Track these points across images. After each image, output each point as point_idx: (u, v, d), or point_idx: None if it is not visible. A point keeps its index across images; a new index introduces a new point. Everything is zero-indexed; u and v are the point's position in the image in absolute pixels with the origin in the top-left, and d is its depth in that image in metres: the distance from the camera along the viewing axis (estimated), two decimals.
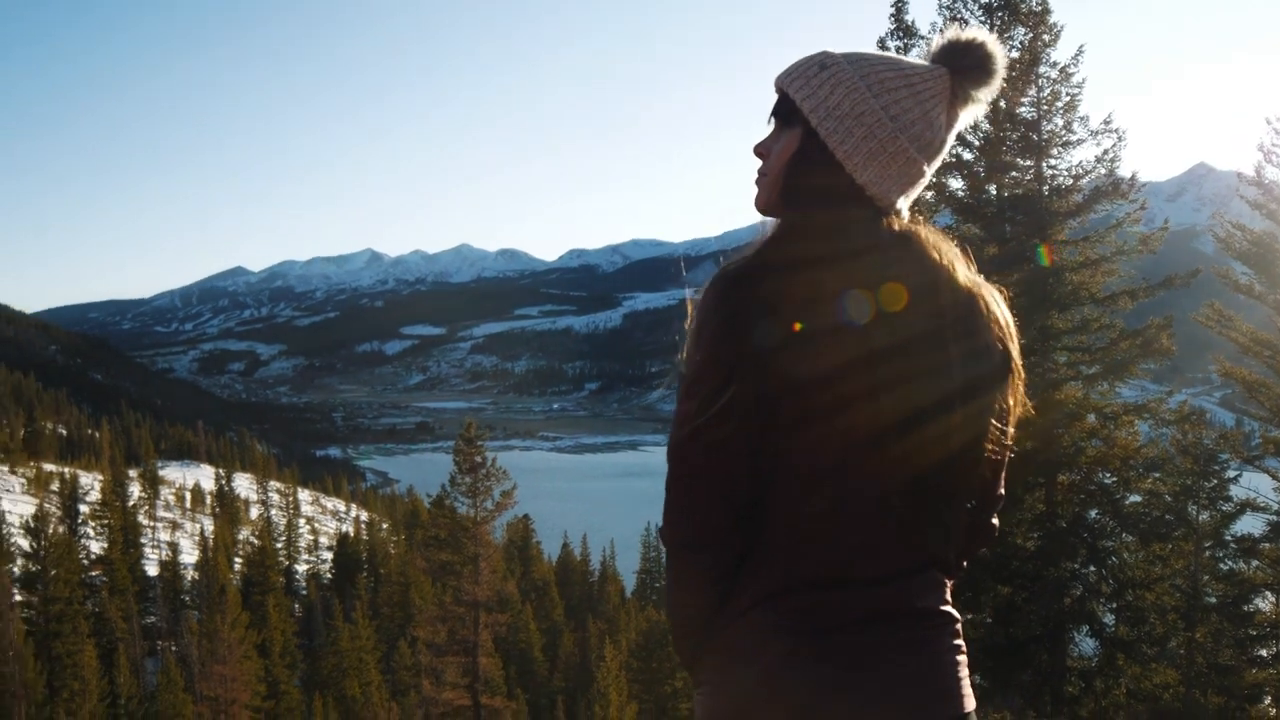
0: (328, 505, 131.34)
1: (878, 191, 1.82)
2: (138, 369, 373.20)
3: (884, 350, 1.70)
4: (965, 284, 1.84)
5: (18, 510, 70.35)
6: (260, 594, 56.30)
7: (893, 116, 1.79)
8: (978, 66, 1.85)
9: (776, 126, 1.91)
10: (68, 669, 37.78)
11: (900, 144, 1.79)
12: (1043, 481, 18.54)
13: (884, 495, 1.76)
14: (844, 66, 1.83)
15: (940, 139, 1.85)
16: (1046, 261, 18.29)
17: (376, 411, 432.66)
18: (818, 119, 1.82)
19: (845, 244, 1.77)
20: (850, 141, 1.80)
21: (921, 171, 1.84)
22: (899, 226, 1.84)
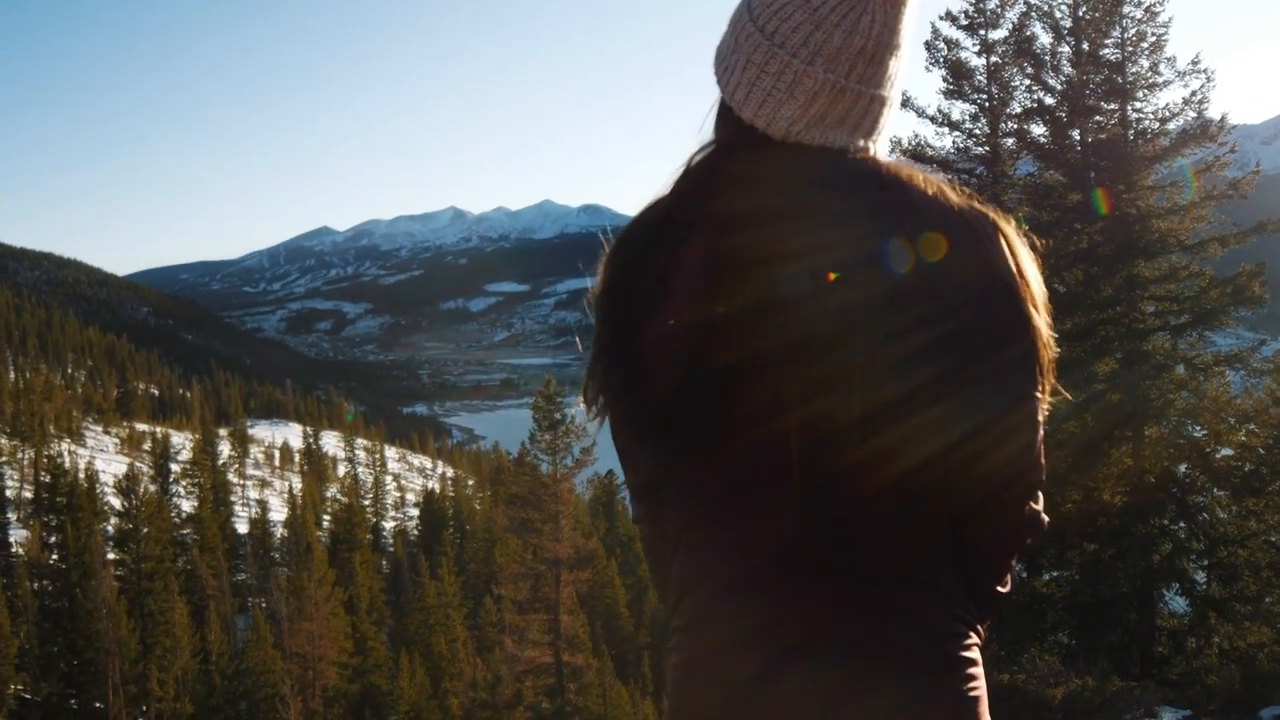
0: (414, 462, 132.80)
1: (767, 123, 1.53)
2: (227, 329, 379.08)
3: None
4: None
5: (111, 470, 71.68)
6: (348, 551, 56.90)
7: (770, 34, 1.51)
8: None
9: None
10: (160, 626, 38.43)
11: (780, 60, 1.50)
12: (1130, 435, 18.08)
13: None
14: (739, 4, 1.59)
15: (857, 44, 1.50)
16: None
17: (462, 368, 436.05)
18: (714, 70, 1.62)
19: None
20: (730, 77, 1.57)
21: (831, 85, 1.50)
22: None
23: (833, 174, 1.51)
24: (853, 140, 1.54)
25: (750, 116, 1.54)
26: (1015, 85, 20.88)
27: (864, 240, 1.43)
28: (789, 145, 1.53)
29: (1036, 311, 1.50)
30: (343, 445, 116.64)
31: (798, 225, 1.47)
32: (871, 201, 1.48)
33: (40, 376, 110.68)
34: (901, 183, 1.51)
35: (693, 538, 1.59)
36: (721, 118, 1.62)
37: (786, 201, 1.50)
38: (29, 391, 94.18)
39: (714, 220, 1.52)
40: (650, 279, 1.54)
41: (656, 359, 1.53)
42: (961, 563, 1.54)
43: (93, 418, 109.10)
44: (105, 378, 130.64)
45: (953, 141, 21.46)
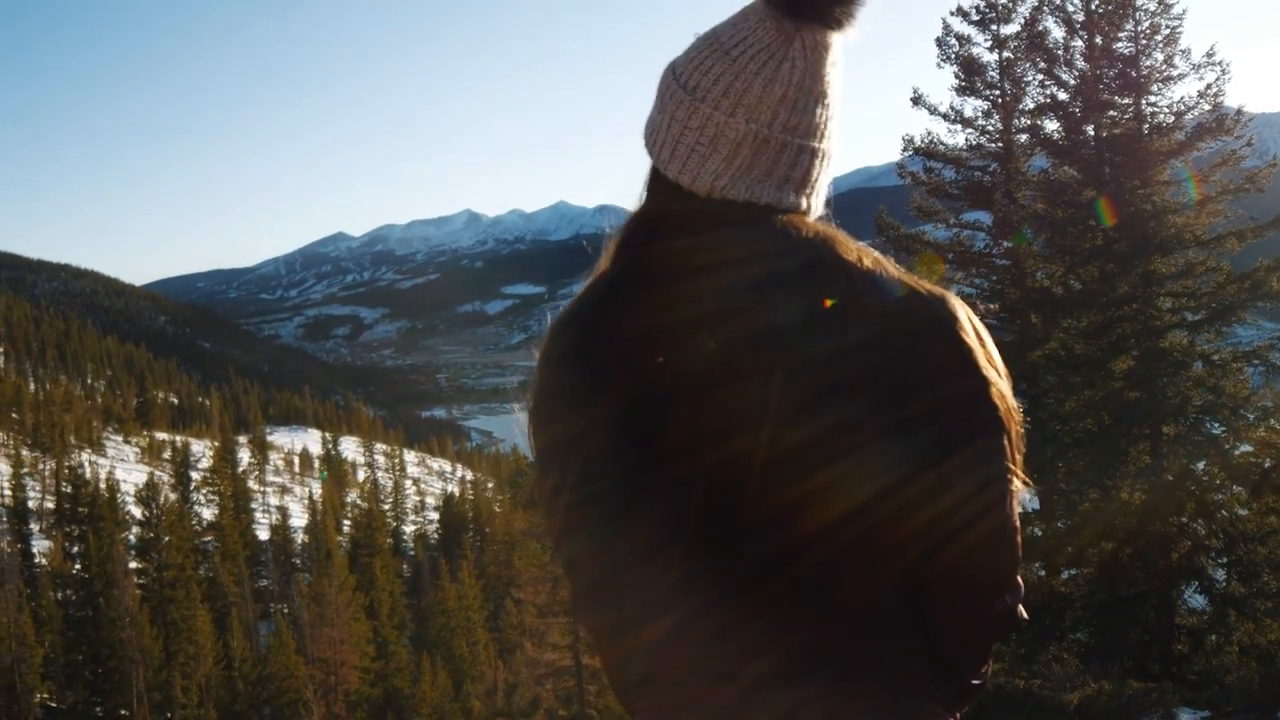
0: (433, 466, 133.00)
1: (691, 179, 1.47)
2: (245, 336, 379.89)
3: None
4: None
5: (132, 479, 71.97)
6: (368, 556, 57.04)
7: (691, 88, 1.46)
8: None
9: None
10: (183, 633, 38.61)
11: (702, 114, 1.45)
12: (1148, 433, 17.99)
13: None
14: (665, 69, 1.56)
15: (778, 92, 1.44)
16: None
17: (480, 371, 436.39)
18: (643, 139, 1.58)
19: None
20: (657, 137, 1.53)
21: (754, 136, 1.44)
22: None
23: (754, 232, 1.45)
24: (782, 194, 1.47)
25: (675, 174, 1.48)
26: (1028, 81, 20.82)
27: (787, 298, 1.38)
28: (714, 201, 1.46)
29: (999, 377, 1.43)
30: (362, 450, 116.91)
31: (713, 281, 1.41)
32: (797, 262, 1.41)
33: (60, 387, 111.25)
34: (830, 246, 1.45)
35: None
36: (652, 182, 1.56)
37: (706, 259, 1.44)
38: (49, 403, 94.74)
39: (642, 283, 1.47)
40: (601, 349, 1.46)
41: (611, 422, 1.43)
42: (931, 646, 1.44)
43: (113, 427, 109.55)
44: (124, 387, 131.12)
45: (965, 139, 21.43)
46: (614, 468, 1.40)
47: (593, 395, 1.43)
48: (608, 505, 1.41)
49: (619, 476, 1.39)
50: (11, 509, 60.03)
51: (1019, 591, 1.50)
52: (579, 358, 1.47)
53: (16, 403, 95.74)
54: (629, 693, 1.49)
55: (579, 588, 1.50)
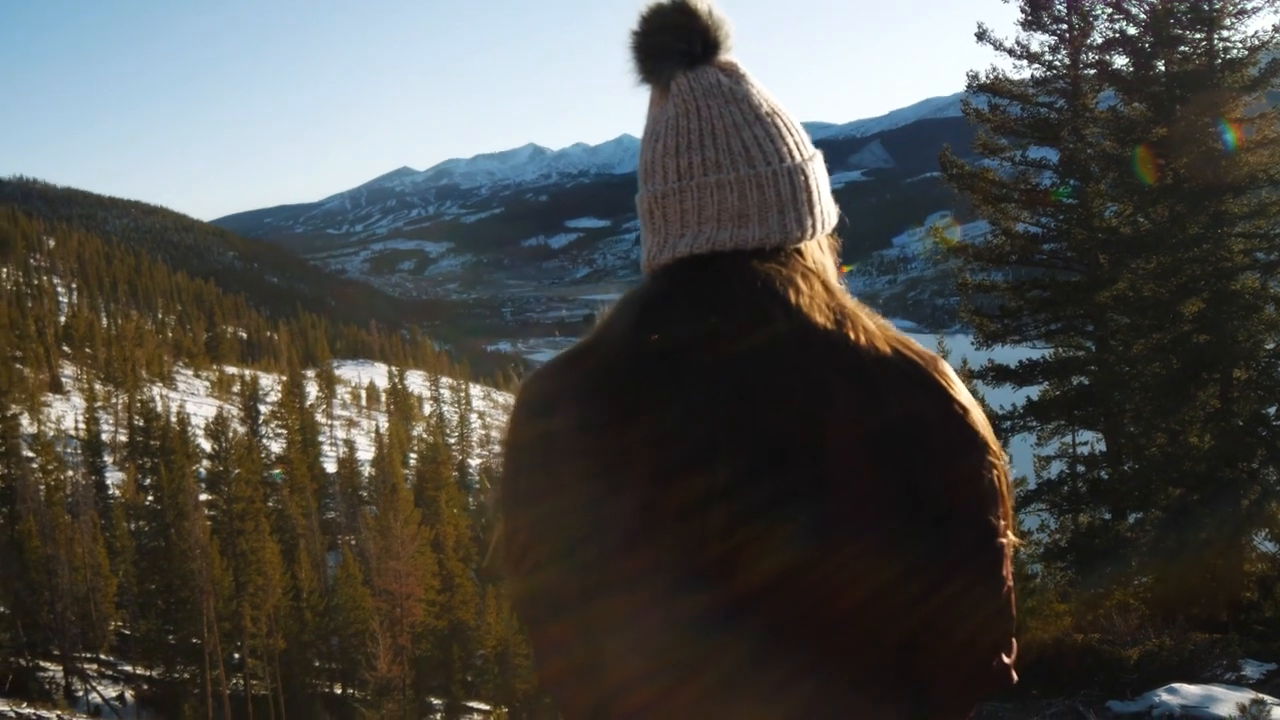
0: (499, 399, 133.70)
1: (654, 257, 1.47)
2: (311, 271, 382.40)
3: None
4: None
5: (202, 412, 73.07)
6: (434, 490, 57.52)
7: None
8: (643, 65, 1.49)
9: None
10: (252, 565, 39.09)
11: (643, 200, 1.49)
12: (1217, 377, 17.71)
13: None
14: None
15: (651, 159, 1.47)
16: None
17: (544, 305, 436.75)
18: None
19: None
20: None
21: (665, 199, 1.44)
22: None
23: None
24: (729, 234, 1.41)
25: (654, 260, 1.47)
26: (1096, 15, 20.33)
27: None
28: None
29: (992, 438, 1.37)
30: (428, 384, 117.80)
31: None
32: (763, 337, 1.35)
33: (131, 323, 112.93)
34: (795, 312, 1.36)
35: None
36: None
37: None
38: (121, 338, 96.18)
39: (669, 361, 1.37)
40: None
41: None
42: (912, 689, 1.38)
43: (183, 362, 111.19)
44: (194, 322, 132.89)
45: (1031, 74, 21.02)
46: (626, 500, 1.33)
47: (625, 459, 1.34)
48: (606, 540, 1.35)
49: (629, 506, 1.33)
50: (86, 442, 61.07)
51: (1013, 651, 1.46)
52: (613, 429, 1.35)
53: (89, 338, 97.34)
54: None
55: (543, 619, 1.44)
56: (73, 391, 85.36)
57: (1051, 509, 21.16)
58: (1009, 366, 20.54)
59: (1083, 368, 20.67)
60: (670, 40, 1.44)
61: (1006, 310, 20.96)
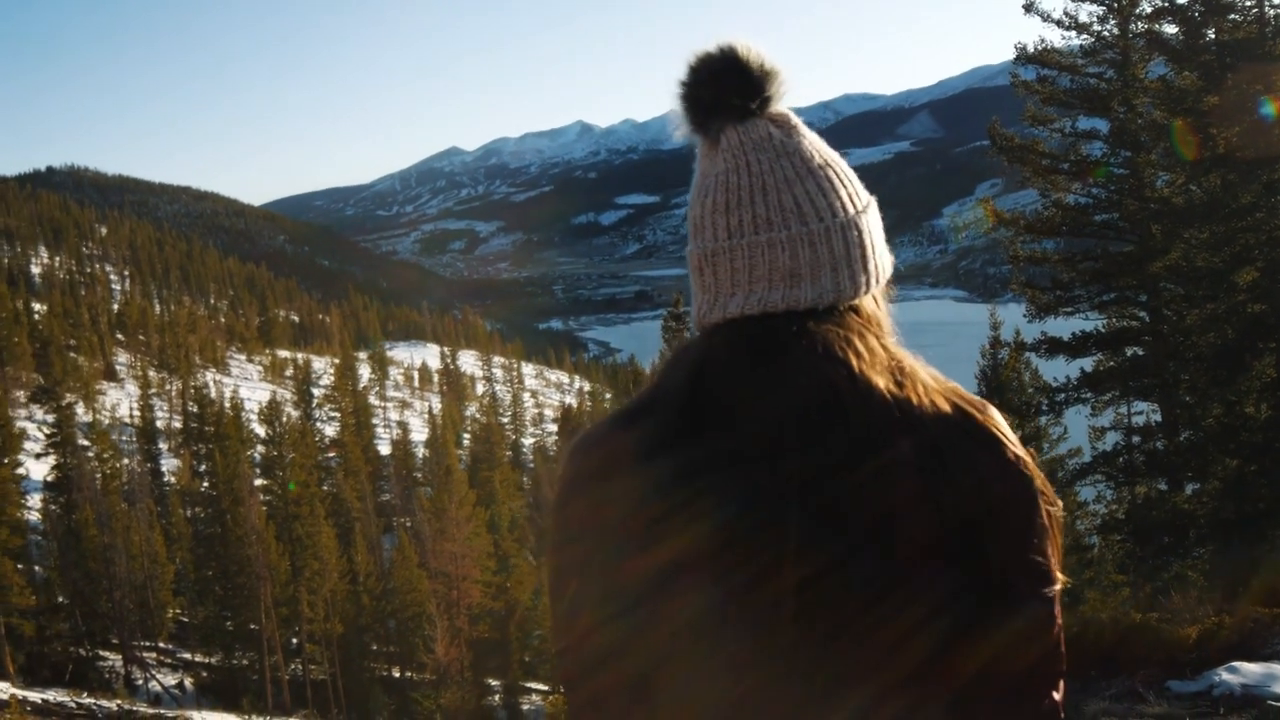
0: (551, 378, 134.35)
1: (704, 316, 1.44)
2: (362, 253, 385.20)
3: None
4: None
5: (256, 397, 73.75)
6: (488, 470, 57.87)
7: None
8: (694, 116, 1.47)
9: None
10: (308, 549, 39.42)
11: (693, 256, 1.46)
12: (1273, 347, 17.50)
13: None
14: None
15: (700, 215, 1.45)
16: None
17: (595, 282, 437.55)
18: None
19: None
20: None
21: (715, 257, 1.41)
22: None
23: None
24: (778, 295, 1.38)
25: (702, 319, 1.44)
26: None
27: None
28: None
29: (1044, 483, 1.38)
30: (480, 363, 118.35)
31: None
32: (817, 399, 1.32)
33: (184, 309, 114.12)
34: (849, 372, 1.34)
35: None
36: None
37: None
38: (174, 324, 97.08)
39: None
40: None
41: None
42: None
43: (236, 346, 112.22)
44: (246, 306, 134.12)
45: (1080, 44, 20.79)
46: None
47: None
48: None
49: (696, 574, 1.31)
50: (140, 429, 61.78)
51: (1061, 689, 1.43)
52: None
53: (143, 325, 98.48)
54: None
55: (590, 678, 1.41)
56: (127, 379, 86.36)
57: (1108, 480, 21.04)
58: (1062, 339, 20.41)
59: (1137, 338, 20.50)
60: (719, 95, 1.42)
61: (1058, 282, 20.82)
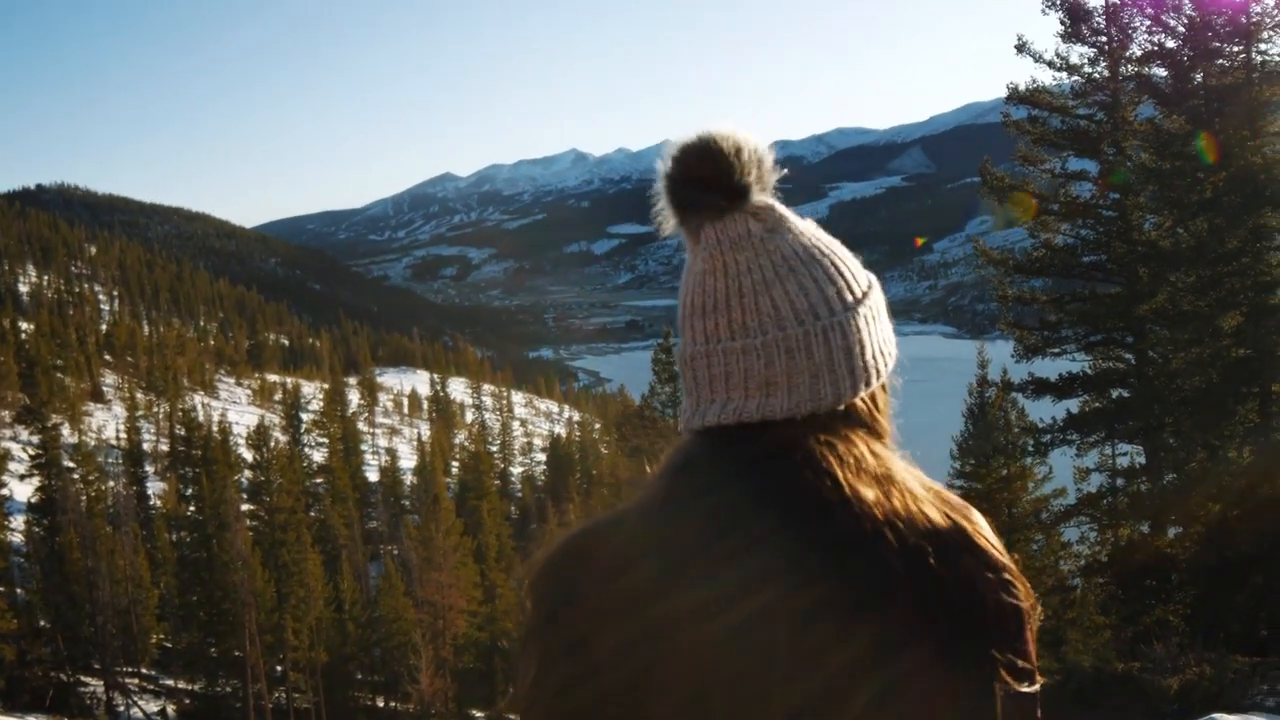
0: (541, 407, 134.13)
1: (685, 421, 1.39)
2: (354, 278, 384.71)
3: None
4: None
5: (244, 421, 73.47)
6: (476, 499, 57.74)
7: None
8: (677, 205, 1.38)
9: None
10: (294, 576, 39.27)
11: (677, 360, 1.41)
12: (1257, 391, 17.58)
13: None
14: None
15: (681, 316, 1.39)
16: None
17: (586, 311, 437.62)
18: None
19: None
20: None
21: (694, 362, 1.36)
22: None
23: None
24: (756, 404, 1.33)
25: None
26: (1135, 27, 20.28)
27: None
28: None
29: (1024, 584, 1.33)
30: (470, 391, 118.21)
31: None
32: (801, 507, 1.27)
33: (173, 330, 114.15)
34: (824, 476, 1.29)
35: None
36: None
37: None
38: (163, 346, 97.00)
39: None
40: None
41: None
42: None
43: (225, 370, 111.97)
44: (236, 329, 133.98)
45: (1071, 85, 20.98)
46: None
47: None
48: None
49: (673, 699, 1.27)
50: (127, 451, 61.59)
51: None
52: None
53: (131, 346, 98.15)
54: None
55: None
56: (114, 400, 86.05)
57: (1092, 522, 21.11)
58: (1049, 379, 20.53)
59: (1122, 380, 20.59)
60: (695, 194, 1.36)
61: (1046, 323, 20.94)
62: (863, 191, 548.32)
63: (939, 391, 9.00)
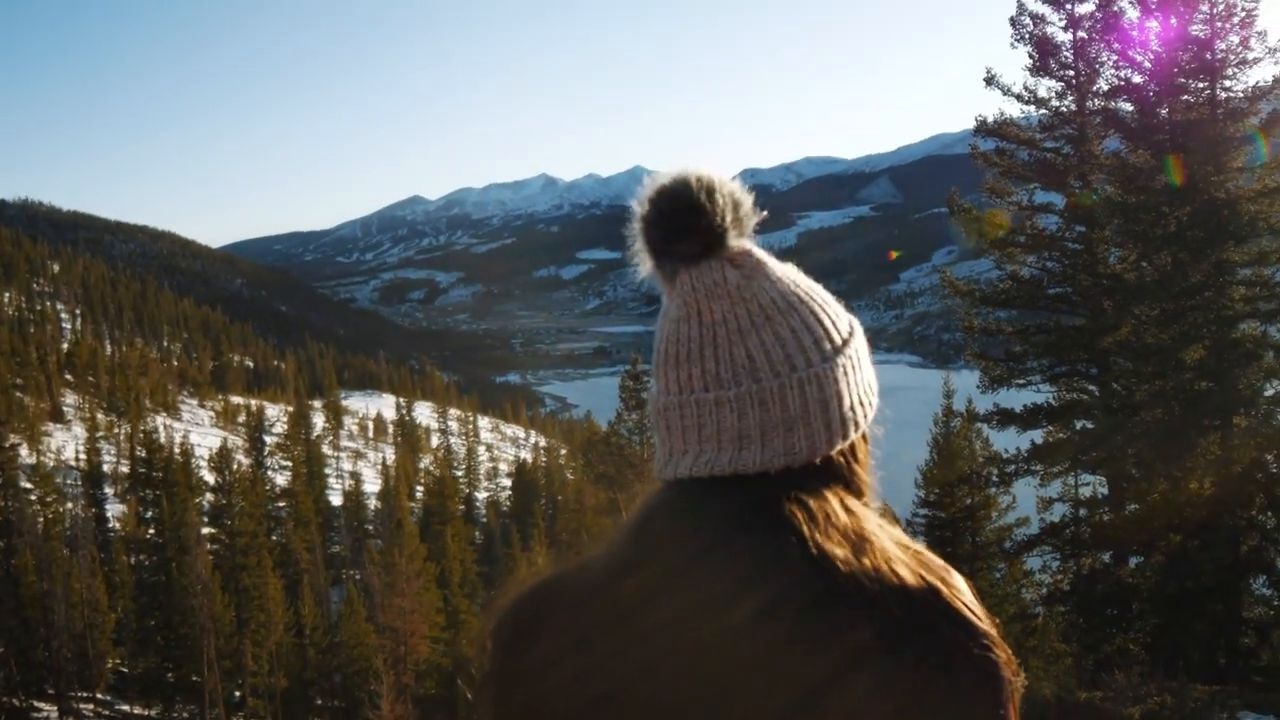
0: (507, 432, 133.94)
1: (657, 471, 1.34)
2: (320, 300, 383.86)
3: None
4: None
5: (207, 443, 73.04)
6: (440, 524, 57.44)
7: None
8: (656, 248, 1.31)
9: None
10: (254, 601, 38.95)
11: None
12: (1218, 424, 17.73)
13: None
14: None
15: (655, 364, 1.33)
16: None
17: (554, 337, 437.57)
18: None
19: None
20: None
21: (667, 412, 1.31)
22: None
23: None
24: (727, 459, 1.27)
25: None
26: (1102, 62, 20.54)
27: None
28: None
29: (1008, 659, 1.24)
30: (436, 415, 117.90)
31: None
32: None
33: (136, 350, 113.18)
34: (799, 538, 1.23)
35: None
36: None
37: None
38: (125, 366, 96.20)
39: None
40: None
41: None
42: None
43: (188, 391, 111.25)
44: (200, 350, 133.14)
45: (1039, 119, 21.19)
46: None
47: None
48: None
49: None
50: (86, 473, 60.95)
51: None
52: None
53: (92, 366, 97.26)
54: None
55: None
56: (74, 421, 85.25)
57: (1054, 551, 21.23)
58: (1014, 410, 20.68)
59: (1086, 412, 20.74)
60: (670, 240, 1.30)
61: (1012, 354, 21.08)
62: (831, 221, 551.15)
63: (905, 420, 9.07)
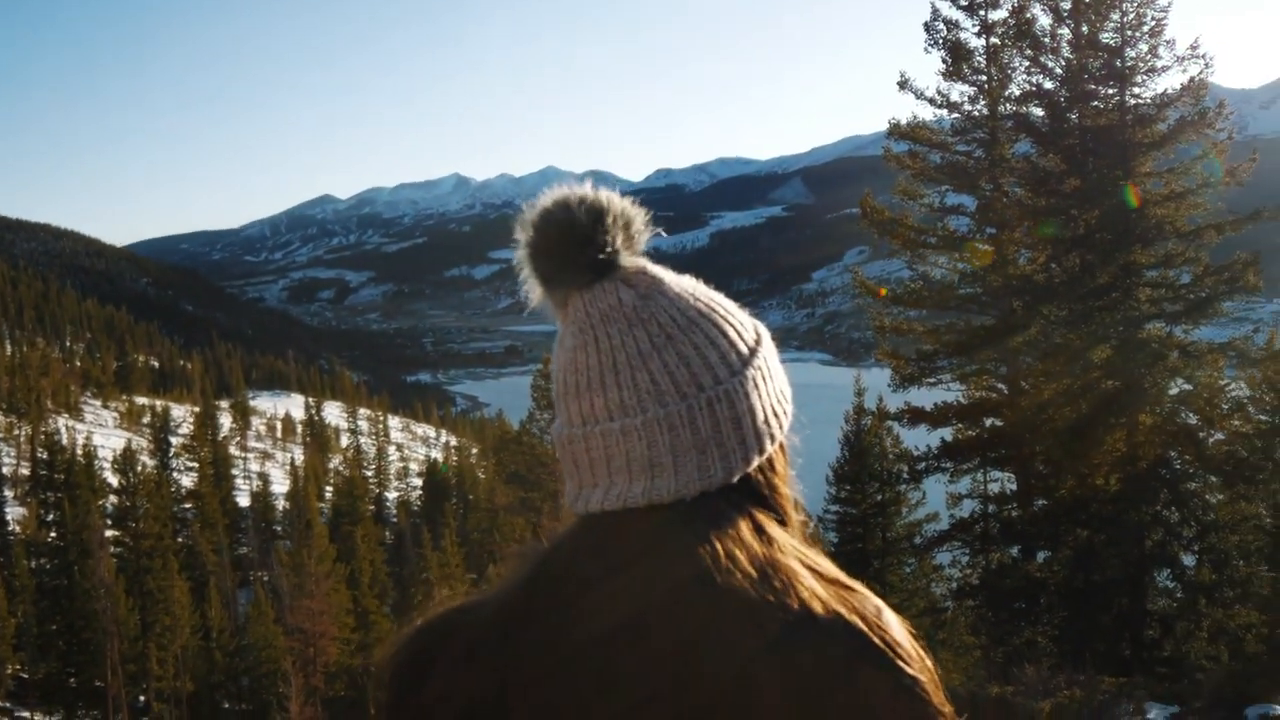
0: (418, 431, 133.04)
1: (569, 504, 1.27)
2: (228, 299, 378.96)
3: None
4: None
5: (110, 445, 71.71)
6: (350, 524, 56.90)
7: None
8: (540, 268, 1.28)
9: None
10: (159, 604, 38.36)
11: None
12: (1124, 421, 18.10)
13: None
14: None
15: (555, 396, 1.27)
16: (1134, 203, 17.74)
17: (466, 336, 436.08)
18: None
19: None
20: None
21: (572, 445, 1.24)
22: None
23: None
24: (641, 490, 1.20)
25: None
26: (1014, 68, 20.89)
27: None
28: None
29: (943, 709, 1.16)
30: (345, 415, 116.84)
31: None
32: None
33: (37, 351, 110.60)
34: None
35: None
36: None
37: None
38: (26, 366, 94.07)
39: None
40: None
41: None
42: None
43: (91, 392, 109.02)
44: (104, 350, 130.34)
45: (951, 122, 21.48)
46: None
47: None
48: None
49: None
50: None
51: None
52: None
53: None
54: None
55: None
56: None
57: (964, 547, 21.54)
58: (924, 408, 20.95)
59: (995, 410, 21.05)
60: (558, 268, 1.25)
61: (922, 354, 21.34)
62: (743, 221, 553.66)
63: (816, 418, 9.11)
